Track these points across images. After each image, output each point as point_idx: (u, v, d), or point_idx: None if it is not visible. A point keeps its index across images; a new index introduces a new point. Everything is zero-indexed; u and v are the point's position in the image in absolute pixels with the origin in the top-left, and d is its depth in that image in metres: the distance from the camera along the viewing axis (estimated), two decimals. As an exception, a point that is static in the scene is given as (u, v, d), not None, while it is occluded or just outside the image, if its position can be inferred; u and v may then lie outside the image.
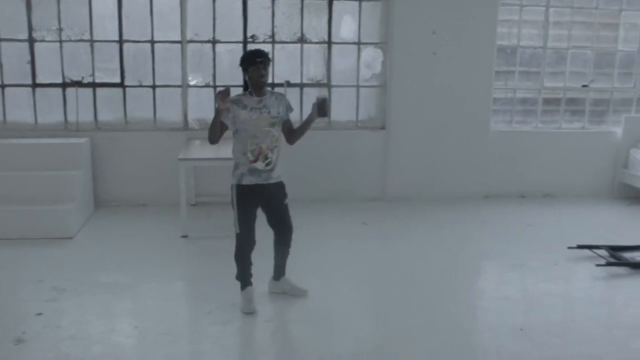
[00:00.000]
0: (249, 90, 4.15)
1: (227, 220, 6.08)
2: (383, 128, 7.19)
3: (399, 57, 6.99)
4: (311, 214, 6.41)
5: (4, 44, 6.59)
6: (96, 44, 6.69)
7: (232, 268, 4.36)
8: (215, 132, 4.11)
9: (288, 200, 4.32)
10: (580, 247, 5.55)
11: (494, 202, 7.23)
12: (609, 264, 5.25)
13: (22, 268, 5.06)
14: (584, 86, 7.57)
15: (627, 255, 5.43)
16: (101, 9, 6.64)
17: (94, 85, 6.75)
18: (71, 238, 5.74)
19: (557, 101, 7.60)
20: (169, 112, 6.93)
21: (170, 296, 4.66)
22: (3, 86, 6.66)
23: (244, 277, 4.32)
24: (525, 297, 4.78)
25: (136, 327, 4.12)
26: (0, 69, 6.62)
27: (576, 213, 6.92)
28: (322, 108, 4.24)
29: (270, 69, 4.25)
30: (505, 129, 7.47)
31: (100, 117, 6.83)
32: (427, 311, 4.38)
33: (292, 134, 4.38)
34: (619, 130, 7.56)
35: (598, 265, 5.22)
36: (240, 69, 4.19)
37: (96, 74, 6.74)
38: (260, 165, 4.12)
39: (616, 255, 5.39)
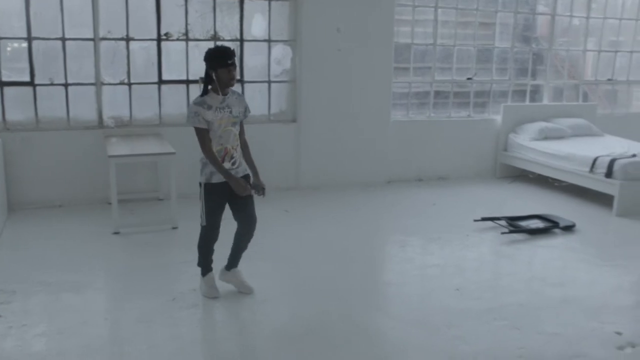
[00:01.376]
0: (210, 87, 4.16)
1: (153, 215, 6.29)
2: (294, 121, 7.59)
3: (307, 54, 7.42)
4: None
5: None
6: (2, 41, 6.46)
7: (173, 258, 4.75)
8: (214, 162, 4.12)
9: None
10: (483, 219, 6.33)
11: (396, 186, 7.91)
12: (511, 231, 6.06)
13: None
14: (468, 79, 8.48)
15: (523, 223, 6.28)
16: (6, 6, 6.42)
17: (1, 84, 6.50)
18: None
19: (446, 93, 8.44)
20: (83, 110, 6.83)
21: (127, 288, 4.72)
22: None
23: (206, 264, 4.50)
24: (449, 263, 5.41)
25: (106, 318, 4.20)
26: None
27: (469, 192, 7.77)
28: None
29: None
30: (403, 119, 8.18)
31: (9, 117, 6.60)
32: (362, 284, 4.86)
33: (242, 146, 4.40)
34: (498, 118, 8.55)
35: (502, 233, 6.02)
36: (205, 63, 4.12)
37: (3, 72, 6.49)
38: (227, 165, 4.20)
39: (514, 224, 6.23)
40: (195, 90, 7.02)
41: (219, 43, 7.18)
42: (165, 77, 7.05)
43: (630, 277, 5.06)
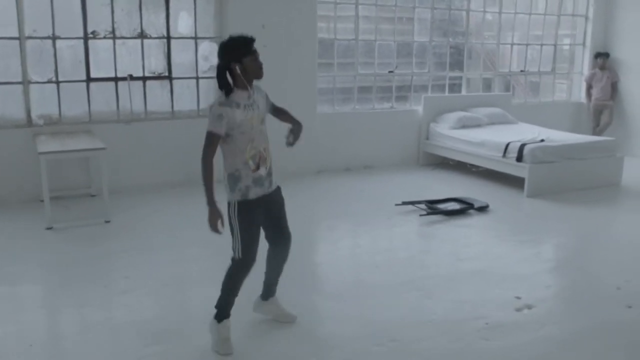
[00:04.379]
0: (234, 85, 3.55)
1: (86, 210, 6.43)
2: (224, 116, 7.81)
3: (234, 50, 7.64)
4: (161, 197, 7.02)
5: None
6: None
7: (107, 249, 4.79)
8: (204, 176, 3.46)
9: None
10: (404, 203, 6.75)
11: (326, 176, 8.25)
12: (429, 213, 6.50)
13: None
14: (390, 72, 8.91)
15: (441, 206, 6.73)
16: None
17: None
18: None
19: (369, 88, 8.84)
20: (11, 109, 6.86)
21: (61, 279, 4.84)
22: None
23: (227, 307, 3.70)
24: (372, 244, 5.79)
25: (41, 306, 4.36)
26: None
27: (393, 179, 8.19)
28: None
29: None
30: (329, 112, 8.53)
31: None
32: (296, 264, 5.16)
33: (282, 116, 4.01)
34: (420, 109, 9.02)
35: (421, 215, 6.45)
36: (222, 60, 3.56)
37: None
38: (263, 171, 3.59)
39: (432, 207, 6.67)
40: (124, 87, 7.25)
41: (145, 41, 7.33)
42: (93, 74, 7.14)
43: (533, 250, 5.57)
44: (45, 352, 3.75)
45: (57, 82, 7.00)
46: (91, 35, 7.08)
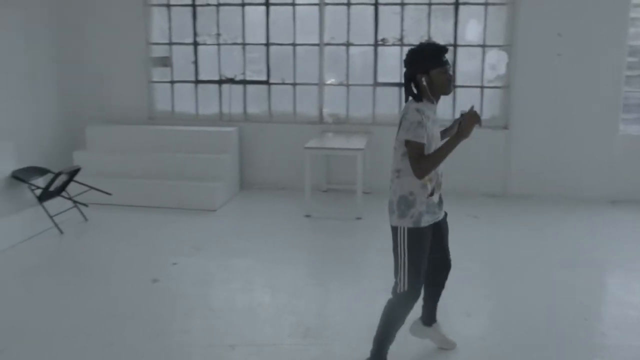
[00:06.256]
0: (423, 97, 3.14)
1: (342, 206, 6.77)
2: (506, 128, 7.44)
3: (523, 59, 7.20)
4: None
5: (174, 47, 7.90)
6: (247, 47, 7.75)
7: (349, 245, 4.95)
8: (438, 164, 3.12)
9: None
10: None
11: (622, 209, 7.01)
12: None
13: (171, 230, 6.18)
14: None
15: None
16: (252, 17, 7.68)
17: (244, 82, 7.82)
18: (214, 211, 6.81)
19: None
20: (307, 107, 7.79)
21: (322, 261, 5.45)
22: (173, 82, 7.98)
23: (386, 346, 3.32)
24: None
25: (248, 283, 4.98)
26: (172, 68, 7.94)
27: None
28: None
29: None
30: (636, 134, 7.34)
31: (248, 110, 7.89)
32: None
33: None
34: None
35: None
36: (408, 69, 3.18)
37: (246, 72, 7.80)
38: (436, 197, 3.25)
39: None
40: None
41: (432, 48, 7.42)
42: (380, 79, 7.59)
43: None
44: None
45: (347, 85, 7.66)
46: (380, 42, 7.52)
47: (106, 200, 6.55)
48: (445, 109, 7.09)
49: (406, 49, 7.24)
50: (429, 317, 3.69)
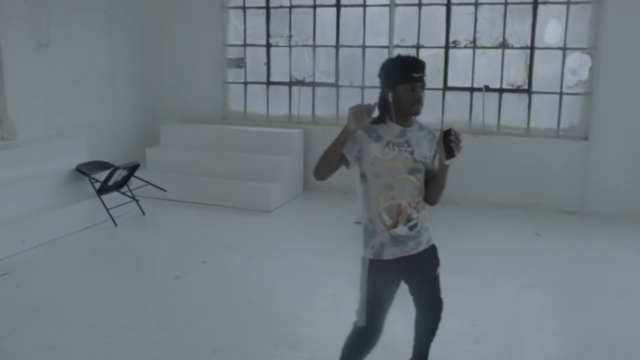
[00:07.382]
0: (388, 115, 2.84)
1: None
2: (586, 139, 6.80)
3: (609, 64, 6.53)
4: (492, 218, 6.65)
5: (248, 48, 8.04)
6: (317, 49, 7.72)
7: None
8: (328, 164, 2.82)
9: (440, 269, 3.01)
10: None
11: None
12: None
13: (218, 229, 6.29)
14: None
15: None
16: (323, 19, 7.64)
17: (313, 84, 7.79)
18: (268, 212, 6.84)
19: None
20: (373, 110, 7.60)
21: (320, 269, 5.25)
22: (246, 83, 8.13)
23: None
24: None
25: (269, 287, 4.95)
26: (245, 69, 8.09)
27: None
28: (447, 145, 2.70)
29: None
30: None
31: (316, 112, 7.85)
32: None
33: (432, 190, 2.91)
34: None
35: None
36: (379, 79, 2.89)
37: (316, 74, 7.77)
38: (402, 230, 2.85)
39: None
40: (478, 98, 7.09)
41: (506, 51, 6.97)
42: (450, 84, 7.25)
43: None
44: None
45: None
46: (452, 45, 7.17)
47: (167, 196, 6.81)
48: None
49: (479, 52, 7.05)
50: (417, 358, 3.24)
